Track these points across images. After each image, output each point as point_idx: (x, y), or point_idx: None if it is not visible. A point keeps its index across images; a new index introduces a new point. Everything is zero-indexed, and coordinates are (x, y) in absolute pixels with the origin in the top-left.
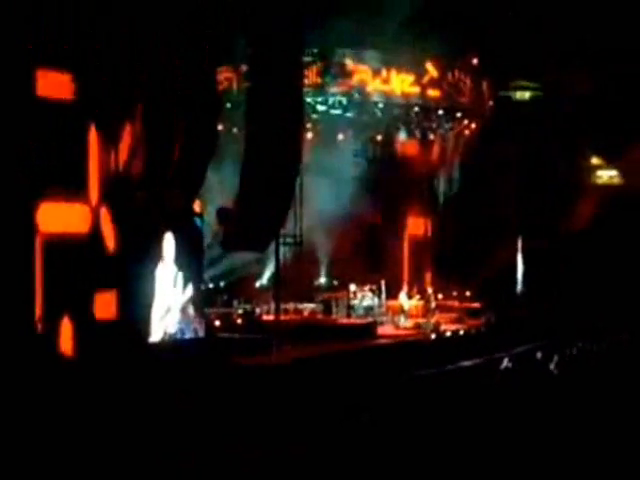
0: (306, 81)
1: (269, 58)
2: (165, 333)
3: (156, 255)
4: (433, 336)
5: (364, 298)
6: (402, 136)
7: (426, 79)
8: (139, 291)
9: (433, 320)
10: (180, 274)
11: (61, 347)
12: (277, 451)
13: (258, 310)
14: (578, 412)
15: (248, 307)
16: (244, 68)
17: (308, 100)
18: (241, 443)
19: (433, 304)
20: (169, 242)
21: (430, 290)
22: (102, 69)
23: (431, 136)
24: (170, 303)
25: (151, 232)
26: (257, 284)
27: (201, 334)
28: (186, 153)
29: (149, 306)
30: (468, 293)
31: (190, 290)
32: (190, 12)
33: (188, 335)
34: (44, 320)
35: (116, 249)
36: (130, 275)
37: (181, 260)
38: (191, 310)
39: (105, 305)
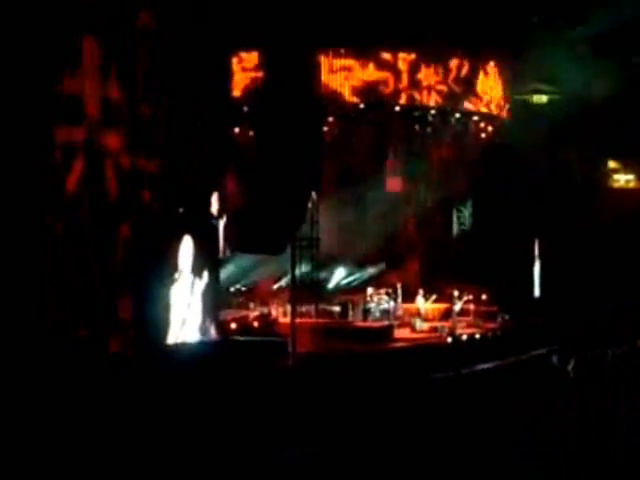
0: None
1: (283, 60)
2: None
3: (172, 260)
4: (449, 339)
5: (380, 301)
6: (419, 138)
7: (443, 82)
8: (156, 296)
9: (449, 323)
10: (197, 279)
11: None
12: (293, 452)
13: (274, 312)
14: (593, 414)
15: (264, 310)
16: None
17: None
18: (258, 444)
19: (458, 307)
20: (186, 250)
21: (456, 293)
22: None
23: (448, 138)
24: (186, 314)
25: (167, 236)
26: (275, 286)
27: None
28: (202, 158)
29: (165, 311)
30: (484, 296)
31: (206, 277)
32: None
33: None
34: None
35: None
36: (147, 280)
37: (196, 263)
38: (208, 322)
39: (122, 310)
